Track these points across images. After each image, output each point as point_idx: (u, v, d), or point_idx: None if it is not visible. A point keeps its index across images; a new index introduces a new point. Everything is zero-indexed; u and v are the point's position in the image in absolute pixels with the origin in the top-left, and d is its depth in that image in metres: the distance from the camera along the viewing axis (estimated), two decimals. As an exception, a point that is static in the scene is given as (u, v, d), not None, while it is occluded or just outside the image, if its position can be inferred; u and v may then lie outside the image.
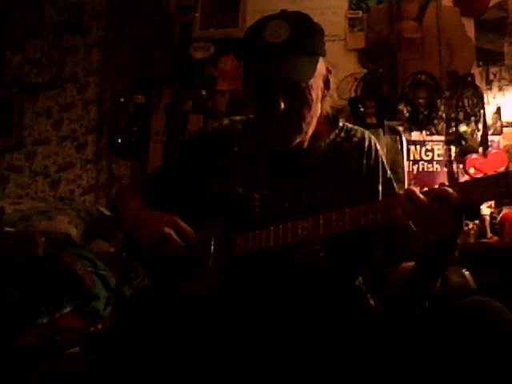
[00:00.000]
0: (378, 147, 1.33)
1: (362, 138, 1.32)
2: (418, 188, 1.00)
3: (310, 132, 1.27)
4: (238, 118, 1.41)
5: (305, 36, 1.19)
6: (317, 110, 1.25)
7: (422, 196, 0.95)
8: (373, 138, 1.35)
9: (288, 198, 1.24)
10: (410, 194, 0.95)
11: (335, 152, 1.30)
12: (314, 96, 1.21)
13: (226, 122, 1.40)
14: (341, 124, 1.35)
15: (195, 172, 1.34)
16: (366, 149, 1.30)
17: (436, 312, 1.10)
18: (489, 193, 0.90)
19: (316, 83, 1.21)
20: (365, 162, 1.29)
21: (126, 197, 1.39)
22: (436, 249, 0.97)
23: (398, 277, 1.17)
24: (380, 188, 1.29)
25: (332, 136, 1.32)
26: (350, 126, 1.36)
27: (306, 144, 1.29)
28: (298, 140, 1.24)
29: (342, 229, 1.03)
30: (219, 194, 1.27)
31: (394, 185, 1.32)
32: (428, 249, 0.97)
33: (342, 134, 1.33)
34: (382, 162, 1.32)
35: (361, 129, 1.36)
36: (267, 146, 1.28)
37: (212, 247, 1.19)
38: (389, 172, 1.32)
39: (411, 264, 1.12)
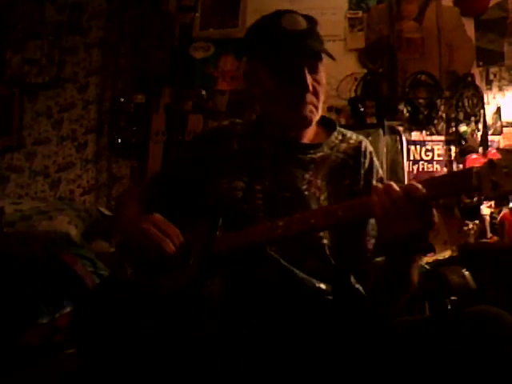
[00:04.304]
0: (372, 150, 1.39)
1: (358, 141, 1.38)
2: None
3: (315, 120, 1.31)
4: (237, 120, 1.45)
5: (317, 29, 1.29)
6: (323, 97, 1.30)
7: (397, 189, 0.98)
8: (367, 141, 1.40)
9: (289, 189, 1.26)
10: (387, 186, 1.00)
11: (334, 150, 1.35)
12: (324, 81, 1.29)
13: (225, 122, 1.44)
14: (338, 128, 1.40)
15: (195, 174, 1.35)
16: (362, 149, 1.36)
17: (442, 319, 1.11)
18: (452, 188, 0.95)
19: (323, 71, 1.29)
20: (362, 160, 1.34)
21: (125, 201, 1.42)
22: (404, 242, 1.00)
23: (374, 271, 1.19)
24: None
25: (332, 138, 1.37)
26: (345, 130, 1.42)
27: (305, 140, 1.34)
28: (313, 121, 1.30)
29: (313, 226, 1.08)
30: (221, 191, 1.27)
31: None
32: (396, 241, 1.00)
33: (340, 137, 1.38)
34: (376, 164, 1.38)
35: (355, 133, 1.42)
36: (268, 140, 1.32)
37: (194, 245, 1.18)
38: (381, 172, 1.38)
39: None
